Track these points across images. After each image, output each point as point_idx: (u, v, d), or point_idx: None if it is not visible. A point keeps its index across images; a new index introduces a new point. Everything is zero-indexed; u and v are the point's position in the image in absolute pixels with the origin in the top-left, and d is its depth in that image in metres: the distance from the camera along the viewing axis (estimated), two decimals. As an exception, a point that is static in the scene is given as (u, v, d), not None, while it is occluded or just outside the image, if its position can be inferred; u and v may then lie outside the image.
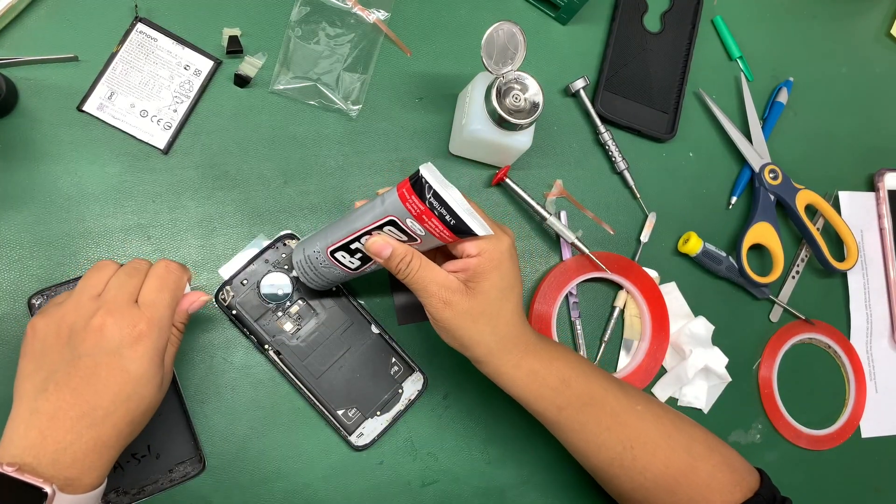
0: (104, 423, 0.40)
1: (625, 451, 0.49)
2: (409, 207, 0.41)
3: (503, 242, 0.45)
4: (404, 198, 0.41)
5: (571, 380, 0.48)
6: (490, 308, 0.46)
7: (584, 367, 0.50)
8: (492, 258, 0.45)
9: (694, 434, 0.50)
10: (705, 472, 0.49)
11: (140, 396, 0.42)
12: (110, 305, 0.42)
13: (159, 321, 0.43)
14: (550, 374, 0.48)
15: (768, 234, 0.67)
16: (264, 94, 0.58)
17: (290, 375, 0.54)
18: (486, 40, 0.52)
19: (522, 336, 0.48)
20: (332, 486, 0.55)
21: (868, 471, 0.70)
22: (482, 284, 0.45)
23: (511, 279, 0.46)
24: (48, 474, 0.39)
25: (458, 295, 0.45)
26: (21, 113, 0.53)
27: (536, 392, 0.48)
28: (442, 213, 0.41)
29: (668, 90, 0.68)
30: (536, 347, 0.48)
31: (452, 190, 0.41)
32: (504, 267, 0.45)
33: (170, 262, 0.46)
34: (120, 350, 0.41)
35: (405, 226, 0.43)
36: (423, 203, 0.40)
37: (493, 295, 0.46)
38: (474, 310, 0.45)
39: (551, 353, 0.49)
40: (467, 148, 0.59)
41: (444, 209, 0.41)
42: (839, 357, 0.71)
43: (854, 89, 0.76)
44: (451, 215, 0.41)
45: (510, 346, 0.47)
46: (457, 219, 0.41)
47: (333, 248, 0.47)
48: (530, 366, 0.48)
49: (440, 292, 0.45)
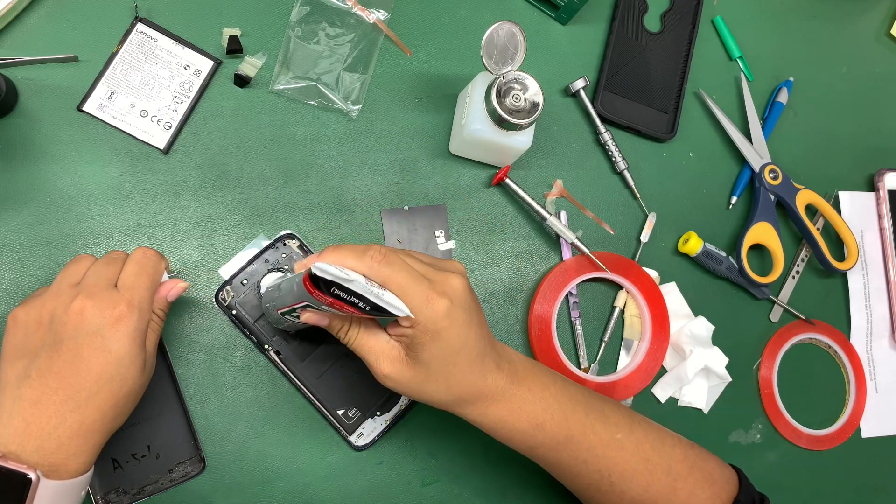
0: (88, 406, 0.41)
1: (602, 479, 0.49)
2: (318, 298, 0.39)
3: (437, 311, 0.41)
4: (310, 291, 0.39)
5: (545, 423, 0.46)
6: (434, 375, 0.43)
7: (562, 404, 0.47)
8: (426, 330, 0.41)
9: (674, 454, 0.50)
10: (685, 492, 0.49)
11: (123, 377, 0.42)
12: (90, 290, 0.43)
13: (139, 303, 0.43)
14: (520, 420, 0.46)
15: (768, 234, 0.67)
16: (264, 94, 0.58)
17: (291, 375, 0.54)
18: (486, 40, 0.52)
19: (483, 388, 0.45)
20: (332, 486, 0.55)
21: (868, 471, 0.70)
22: (422, 355, 0.42)
23: (454, 343, 0.42)
24: (32, 461, 0.39)
25: (397, 364, 0.44)
26: (21, 113, 0.53)
27: (506, 437, 0.47)
28: (353, 302, 0.39)
29: (668, 90, 0.68)
30: (506, 393, 0.46)
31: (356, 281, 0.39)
32: (443, 335, 0.42)
33: (147, 249, 0.46)
34: (101, 331, 0.41)
35: (322, 310, 0.42)
36: (329, 296, 0.39)
37: (435, 364, 0.43)
38: (417, 378, 0.43)
39: (525, 397, 0.46)
40: (467, 148, 0.59)
41: (353, 297, 0.39)
42: (839, 357, 0.71)
43: (854, 89, 0.76)
44: (364, 302, 0.39)
45: (471, 400, 0.45)
46: (369, 304, 0.39)
47: (281, 312, 0.47)
48: (497, 414, 0.46)
49: (379, 363, 0.44)
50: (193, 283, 0.54)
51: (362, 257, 0.41)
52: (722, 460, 0.53)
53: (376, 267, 0.40)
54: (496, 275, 0.62)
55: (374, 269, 0.40)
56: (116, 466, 0.51)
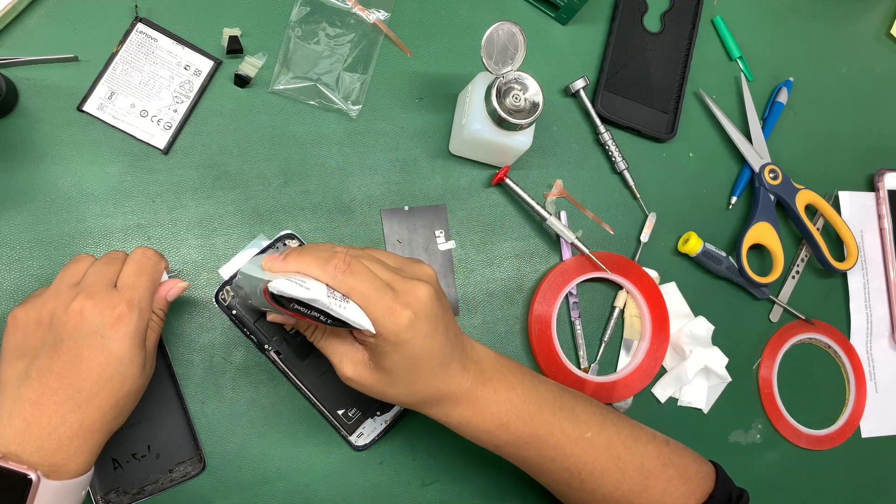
0: (88, 406, 0.41)
1: (571, 477, 0.49)
2: (281, 309, 0.39)
3: (399, 322, 0.40)
4: (272, 303, 0.39)
5: (510, 423, 0.46)
6: (396, 380, 0.43)
7: (528, 404, 0.47)
8: (387, 340, 0.41)
9: (647, 452, 0.50)
10: (658, 489, 0.49)
11: (123, 377, 0.42)
12: (90, 290, 0.43)
13: (139, 303, 0.43)
14: (485, 421, 0.46)
15: (768, 234, 0.67)
16: (264, 94, 0.58)
17: (290, 375, 0.54)
18: (486, 40, 0.52)
19: (447, 391, 0.45)
20: (332, 486, 0.55)
21: (868, 471, 0.70)
22: (384, 363, 0.43)
23: (418, 352, 0.42)
24: (32, 461, 0.39)
25: (360, 367, 0.44)
26: (21, 113, 0.53)
27: (471, 436, 0.47)
28: (314, 315, 0.39)
29: (668, 90, 0.68)
30: (470, 395, 0.46)
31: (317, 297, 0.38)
32: (406, 346, 0.41)
33: (146, 249, 0.47)
34: (101, 331, 0.42)
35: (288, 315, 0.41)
36: (289, 310, 0.38)
37: (398, 371, 0.43)
38: (380, 382, 0.44)
39: (489, 398, 0.46)
40: (467, 148, 0.59)
41: (314, 311, 0.39)
42: (839, 357, 0.71)
43: (854, 89, 0.76)
44: (325, 315, 0.39)
45: (435, 401, 0.45)
46: (331, 318, 0.39)
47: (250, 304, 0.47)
48: (461, 415, 0.46)
49: (342, 366, 0.44)
50: (193, 283, 0.54)
51: (325, 266, 0.40)
52: (700, 456, 0.53)
53: (340, 277, 0.40)
54: (496, 275, 0.62)
55: (337, 279, 0.40)
56: (116, 466, 0.51)
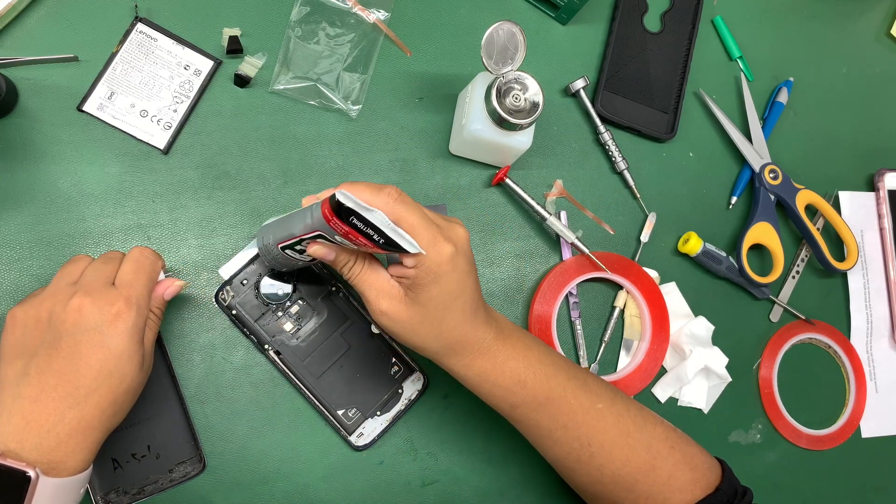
0: (87, 402, 0.41)
1: (581, 447, 0.49)
2: (335, 227, 0.39)
3: (442, 253, 0.42)
4: (327, 218, 0.39)
5: (528, 380, 0.47)
6: (430, 317, 0.44)
7: (544, 366, 0.48)
8: (429, 271, 0.42)
9: (655, 432, 0.50)
10: (665, 471, 0.49)
11: (121, 374, 0.42)
12: (88, 288, 0.43)
13: (137, 300, 0.44)
14: (503, 376, 0.47)
15: (768, 234, 0.67)
16: (264, 94, 0.58)
17: (290, 375, 0.54)
18: (486, 40, 0.52)
19: (473, 339, 0.46)
20: (332, 486, 0.55)
21: (868, 471, 0.70)
22: (420, 296, 0.44)
23: (453, 288, 0.44)
24: (31, 458, 0.39)
25: (396, 303, 0.44)
26: (21, 113, 0.53)
27: (487, 392, 0.48)
28: (368, 233, 0.39)
29: (668, 90, 0.68)
30: (492, 348, 0.47)
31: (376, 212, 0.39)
32: (444, 279, 0.43)
33: (144, 248, 0.47)
34: (100, 328, 0.42)
35: (334, 240, 0.42)
36: (347, 225, 0.39)
37: (432, 306, 0.44)
38: (413, 319, 0.45)
39: (508, 353, 0.47)
40: (467, 148, 0.59)
41: (369, 229, 0.39)
42: (839, 357, 0.71)
43: (854, 89, 0.76)
44: (379, 234, 0.40)
45: (458, 350, 0.46)
46: (385, 237, 0.40)
47: (282, 245, 0.47)
48: (481, 367, 0.47)
49: (378, 299, 0.45)
50: (193, 283, 0.54)
51: (379, 193, 0.41)
52: (705, 449, 0.53)
53: (392, 204, 0.41)
54: (496, 275, 0.62)
55: (389, 206, 0.41)
56: (116, 466, 0.51)
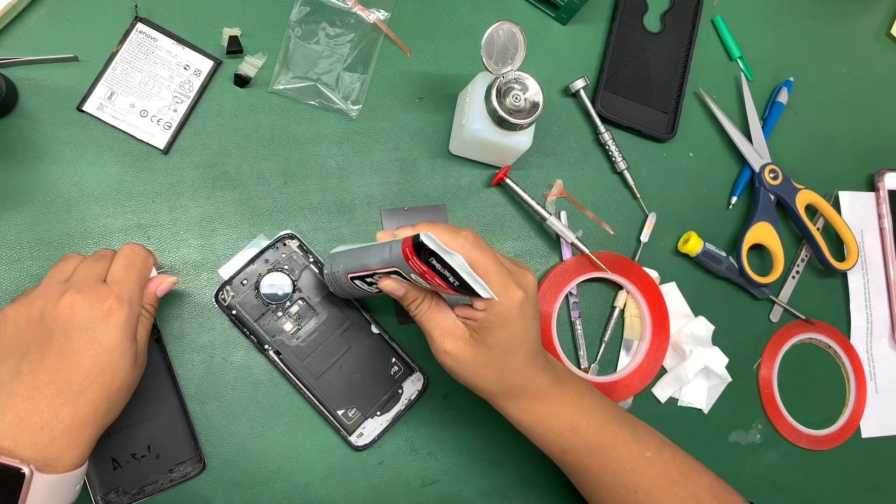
0: (80, 399, 0.41)
1: (628, 493, 0.49)
2: (413, 266, 0.40)
3: (513, 299, 0.43)
4: (407, 257, 0.40)
5: (580, 427, 0.48)
6: (494, 360, 0.45)
7: (597, 413, 0.49)
8: (499, 315, 0.43)
9: (700, 482, 0.51)
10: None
11: (114, 370, 0.42)
12: (79, 285, 0.43)
13: (129, 296, 0.44)
14: (558, 421, 0.48)
15: (768, 234, 0.67)
16: (264, 94, 0.58)
17: (290, 375, 0.54)
18: (486, 40, 0.52)
19: (532, 384, 0.47)
20: (332, 486, 0.55)
21: (868, 471, 0.70)
22: (487, 339, 0.44)
23: (520, 334, 0.45)
24: (26, 456, 0.39)
25: (461, 343, 0.45)
26: (21, 113, 0.53)
27: (540, 435, 0.49)
28: (445, 275, 0.40)
29: (668, 90, 0.68)
30: (548, 393, 0.48)
31: (455, 256, 0.40)
32: (512, 324, 0.44)
33: (135, 245, 0.47)
34: (91, 324, 0.42)
35: (409, 278, 0.43)
36: (425, 265, 0.40)
37: (498, 349, 0.45)
38: (477, 360, 0.45)
39: (564, 399, 0.48)
40: (467, 148, 0.59)
41: (446, 271, 0.40)
42: (839, 357, 0.71)
43: (854, 89, 0.76)
44: (455, 277, 0.40)
45: (516, 393, 0.47)
46: (460, 280, 0.40)
47: (353, 276, 0.48)
48: (537, 412, 0.48)
49: (443, 339, 0.45)
50: (193, 283, 0.54)
51: (456, 236, 0.43)
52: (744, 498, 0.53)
53: (468, 247, 0.43)
54: (496, 275, 0.62)
55: (465, 249, 0.43)
56: (116, 466, 0.51)
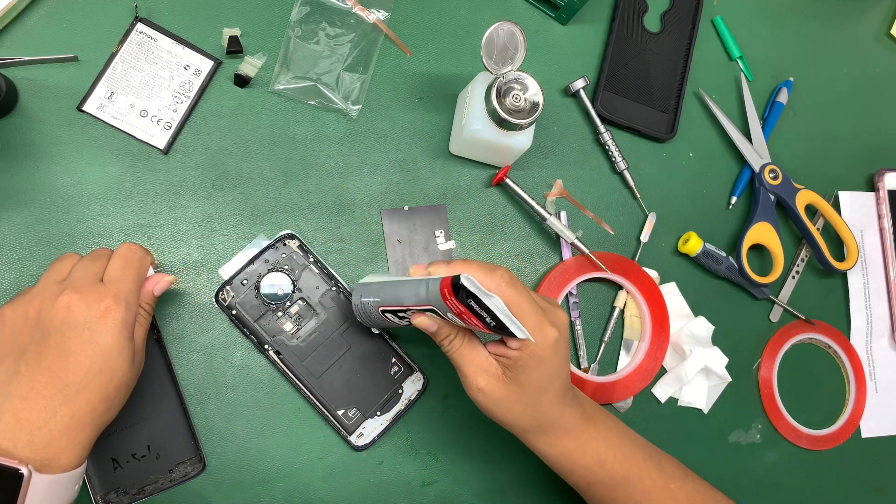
0: (77, 399, 0.41)
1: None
2: (450, 306, 0.41)
3: (548, 338, 0.44)
4: (445, 297, 0.40)
5: (607, 461, 0.49)
6: (526, 398, 0.46)
7: (623, 446, 0.50)
8: (533, 354, 0.44)
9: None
10: None
11: (112, 369, 0.42)
12: (76, 285, 0.43)
13: (126, 296, 0.44)
14: (585, 456, 0.49)
15: (768, 234, 0.67)
16: (264, 94, 0.58)
17: (290, 375, 0.54)
18: (486, 40, 0.52)
19: (561, 419, 0.48)
20: (332, 486, 0.55)
21: (868, 471, 0.70)
22: (521, 377, 0.45)
23: (553, 372, 0.45)
24: (24, 456, 0.39)
25: (493, 381, 0.46)
26: (21, 113, 0.53)
27: (568, 469, 0.49)
28: (482, 316, 0.40)
29: (668, 90, 0.68)
30: (577, 428, 0.48)
31: (494, 298, 0.40)
32: (546, 363, 0.44)
33: (132, 244, 0.47)
34: (89, 324, 0.42)
35: (445, 317, 0.43)
36: (463, 305, 0.40)
37: (532, 388, 0.45)
38: (509, 398, 0.46)
39: (591, 433, 0.49)
40: (467, 148, 0.59)
41: (484, 312, 0.40)
42: (839, 357, 0.71)
43: (854, 89, 0.76)
44: (492, 318, 0.40)
45: (545, 430, 0.48)
46: (497, 322, 0.41)
47: (384, 309, 0.48)
48: (565, 446, 0.48)
49: (476, 376, 0.46)
50: (193, 283, 0.54)
51: (491, 275, 0.43)
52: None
53: (503, 286, 0.43)
54: (496, 275, 0.62)
55: (501, 288, 0.43)
56: (116, 466, 0.51)
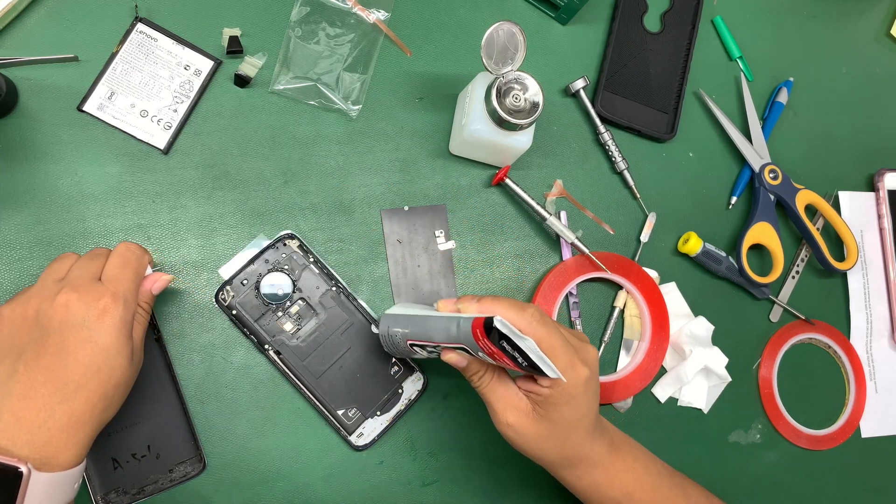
0: (76, 397, 0.41)
1: None
2: (482, 346, 0.41)
3: (579, 377, 0.44)
4: (477, 338, 0.40)
5: (635, 492, 0.49)
6: (556, 434, 0.46)
7: (650, 476, 0.50)
8: (564, 392, 0.44)
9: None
10: None
11: (110, 368, 0.42)
12: (74, 283, 0.43)
13: (124, 294, 0.44)
14: (613, 488, 0.49)
15: (768, 234, 0.67)
16: (264, 94, 0.58)
17: (290, 375, 0.54)
18: (486, 40, 0.52)
19: (590, 453, 0.48)
20: (332, 486, 0.55)
21: (868, 471, 0.70)
22: (552, 414, 0.45)
23: (584, 410, 0.46)
24: (23, 454, 0.39)
25: (524, 417, 0.46)
26: (21, 113, 0.53)
27: (596, 501, 0.50)
28: (514, 356, 0.40)
29: (668, 90, 0.68)
30: (605, 461, 0.49)
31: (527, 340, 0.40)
32: (577, 401, 0.45)
33: (130, 243, 0.47)
34: (87, 323, 0.42)
35: (476, 355, 0.43)
36: (495, 346, 0.40)
37: (562, 424, 0.46)
38: (539, 434, 0.46)
39: (619, 466, 0.49)
40: (467, 148, 0.59)
41: (516, 353, 0.40)
42: (839, 357, 0.71)
43: (854, 89, 0.76)
44: (524, 359, 0.40)
45: (574, 463, 0.48)
46: (529, 362, 0.41)
47: (412, 342, 0.48)
48: (594, 479, 0.49)
49: (505, 411, 0.46)
50: (193, 283, 0.54)
51: (522, 313, 0.43)
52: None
53: (534, 325, 0.43)
54: (496, 275, 0.62)
55: (531, 327, 0.43)
56: (116, 466, 0.51)
